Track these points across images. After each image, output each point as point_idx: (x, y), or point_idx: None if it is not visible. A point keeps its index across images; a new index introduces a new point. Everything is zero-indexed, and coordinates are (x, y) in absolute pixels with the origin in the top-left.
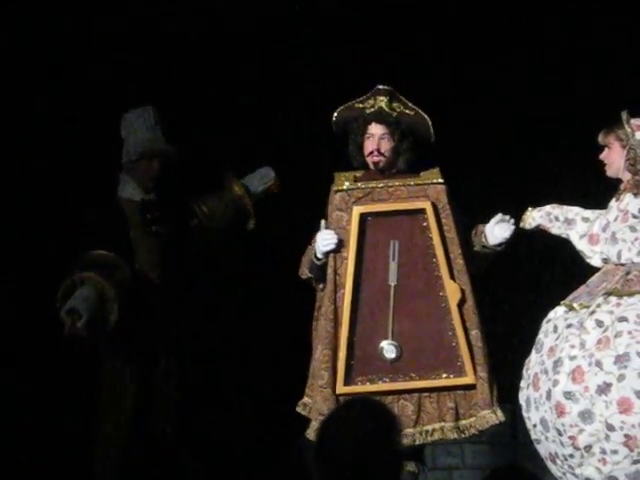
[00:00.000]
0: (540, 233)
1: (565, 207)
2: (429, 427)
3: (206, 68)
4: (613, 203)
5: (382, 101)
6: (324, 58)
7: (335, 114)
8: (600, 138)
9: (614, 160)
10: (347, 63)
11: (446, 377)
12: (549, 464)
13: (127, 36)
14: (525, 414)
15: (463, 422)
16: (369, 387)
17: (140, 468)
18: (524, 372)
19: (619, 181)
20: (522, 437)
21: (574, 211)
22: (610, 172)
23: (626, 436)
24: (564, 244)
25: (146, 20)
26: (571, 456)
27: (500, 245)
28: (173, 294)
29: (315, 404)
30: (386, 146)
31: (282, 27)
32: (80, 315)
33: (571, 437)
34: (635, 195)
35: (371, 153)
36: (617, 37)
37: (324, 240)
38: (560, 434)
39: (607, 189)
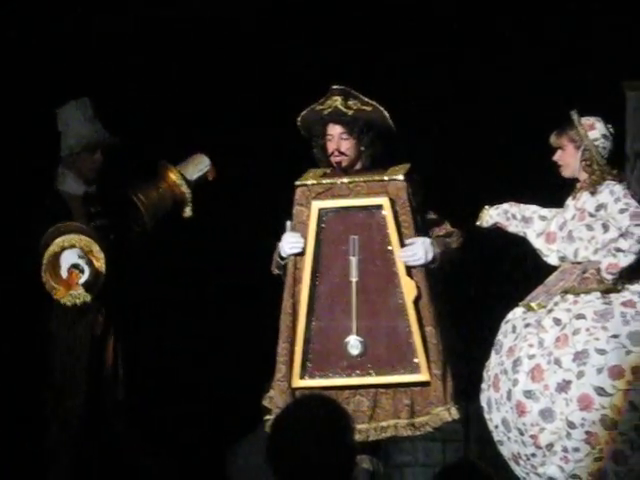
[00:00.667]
0: (497, 231)
1: (522, 205)
2: (384, 423)
3: (141, 56)
4: (570, 201)
5: (337, 101)
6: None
7: (299, 119)
8: (552, 140)
9: (569, 162)
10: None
11: (401, 374)
12: (512, 465)
13: (55, 28)
14: (487, 415)
15: (418, 419)
16: (325, 382)
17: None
18: (484, 374)
19: (576, 179)
20: (474, 435)
21: (531, 209)
22: (566, 173)
23: (587, 433)
24: (520, 243)
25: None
26: (533, 455)
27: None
28: (117, 287)
29: (274, 397)
30: (346, 145)
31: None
32: (82, 270)
33: (532, 436)
34: (592, 194)
35: (332, 154)
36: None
37: (289, 243)
38: (522, 433)
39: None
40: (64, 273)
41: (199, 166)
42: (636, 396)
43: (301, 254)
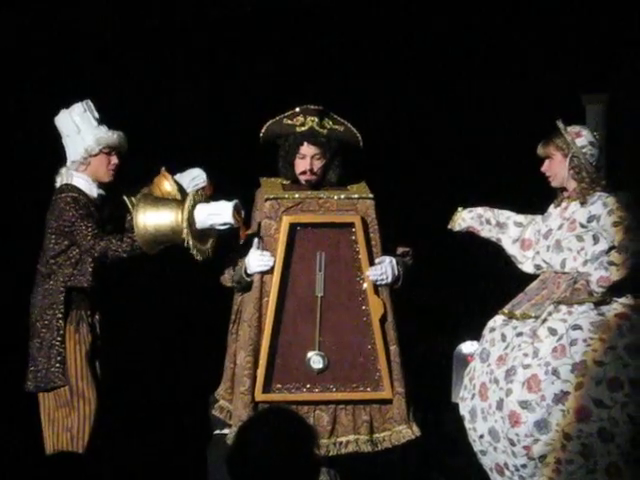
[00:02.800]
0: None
1: (497, 210)
2: (343, 439)
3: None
4: (553, 209)
5: (313, 121)
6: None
7: (264, 128)
8: (539, 150)
9: (558, 171)
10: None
11: (363, 390)
12: (494, 475)
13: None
14: (469, 425)
15: (377, 435)
16: (287, 396)
17: None
18: (467, 382)
19: (561, 188)
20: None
21: (505, 215)
22: (555, 183)
23: (583, 445)
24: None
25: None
26: (524, 466)
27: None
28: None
29: (236, 410)
30: (318, 165)
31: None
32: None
33: (525, 447)
34: (582, 204)
35: (303, 172)
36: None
37: (259, 261)
38: (513, 444)
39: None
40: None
41: (195, 180)
42: (634, 409)
43: (268, 272)
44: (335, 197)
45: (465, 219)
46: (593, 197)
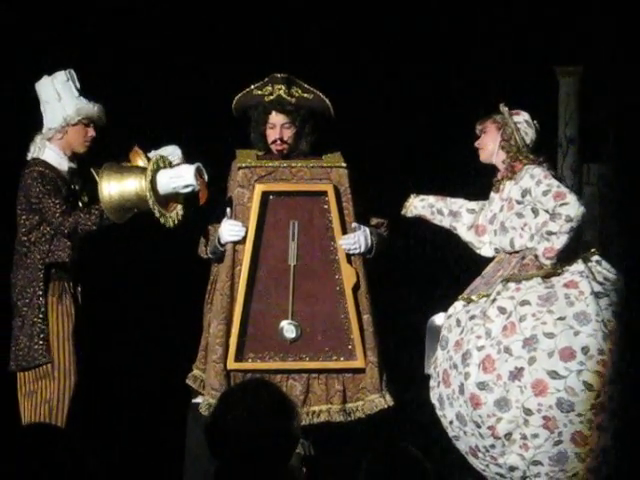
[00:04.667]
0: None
1: (449, 199)
2: (316, 408)
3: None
4: (493, 194)
5: (280, 89)
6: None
7: (234, 101)
8: (477, 127)
9: (487, 143)
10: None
11: (336, 360)
12: (470, 459)
13: None
14: (439, 412)
15: (350, 405)
16: (260, 365)
17: None
18: (432, 371)
19: (496, 170)
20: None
21: (458, 203)
22: (483, 156)
23: (544, 418)
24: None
25: None
26: (492, 446)
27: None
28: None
29: (208, 378)
30: (288, 134)
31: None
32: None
33: (490, 427)
34: (514, 181)
35: (274, 142)
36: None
37: (231, 231)
38: (478, 426)
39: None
40: (193, 182)
41: (170, 157)
42: (589, 376)
43: (241, 242)
44: (308, 166)
45: (417, 207)
46: (521, 172)
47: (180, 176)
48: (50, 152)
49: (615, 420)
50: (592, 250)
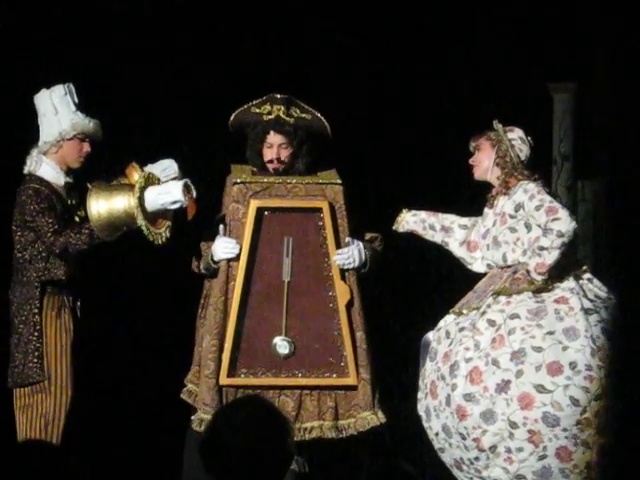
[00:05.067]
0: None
1: (440, 215)
2: (308, 425)
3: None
4: (487, 210)
5: (279, 110)
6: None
7: (232, 117)
8: (471, 144)
9: (482, 160)
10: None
11: (329, 376)
12: (455, 471)
13: None
14: (426, 424)
15: (342, 422)
16: (252, 380)
17: None
18: (420, 383)
19: (489, 189)
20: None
21: (450, 219)
22: (478, 173)
23: (530, 432)
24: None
25: None
26: (477, 459)
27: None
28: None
29: (200, 393)
30: (285, 154)
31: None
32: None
33: (475, 439)
34: (508, 196)
35: (270, 161)
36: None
37: (224, 248)
38: (464, 438)
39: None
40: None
41: (166, 171)
42: (576, 391)
43: (235, 259)
44: (304, 182)
45: (409, 222)
46: (515, 187)
47: (168, 192)
48: (47, 167)
49: (600, 437)
50: (584, 268)
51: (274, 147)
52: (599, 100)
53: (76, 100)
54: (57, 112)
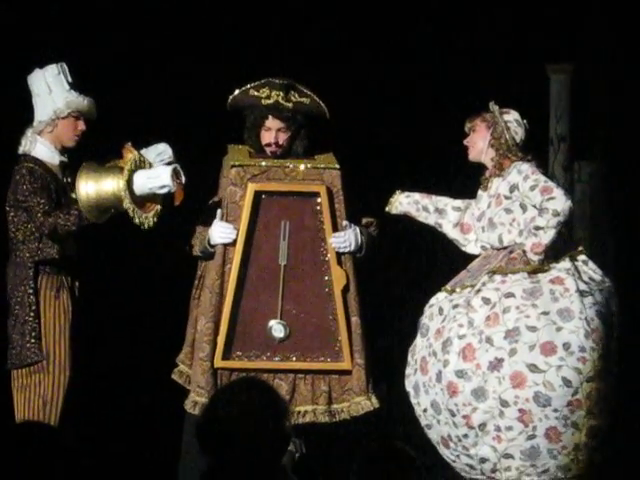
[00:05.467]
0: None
1: (434, 197)
2: (301, 408)
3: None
4: (481, 192)
5: (278, 95)
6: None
7: (230, 98)
8: (466, 125)
9: (477, 141)
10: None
11: (323, 361)
12: (441, 449)
13: None
14: (414, 400)
15: (335, 406)
16: (246, 363)
17: None
18: (409, 358)
19: (484, 168)
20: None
21: (443, 201)
22: (472, 154)
23: (520, 411)
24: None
25: None
26: (465, 436)
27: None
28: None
29: (194, 376)
30: (283, 137)
31: None
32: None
33: (465, 416)
34: (502, 177)
35: (268, 145)
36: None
37: (221, 233)
38: (453, 415)
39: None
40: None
41: (161, 155)
42: (569, 372)
43: (231, 244)
44: (302, 166)
45: (402, 203)
46: (509, 168)
47: (157, 177)
48: (41, 147)
49: (590, 418)
50: (579, 249)
51: (272, 131)
52: (596, 81)
53: (69, 79)
54: (51, 91)
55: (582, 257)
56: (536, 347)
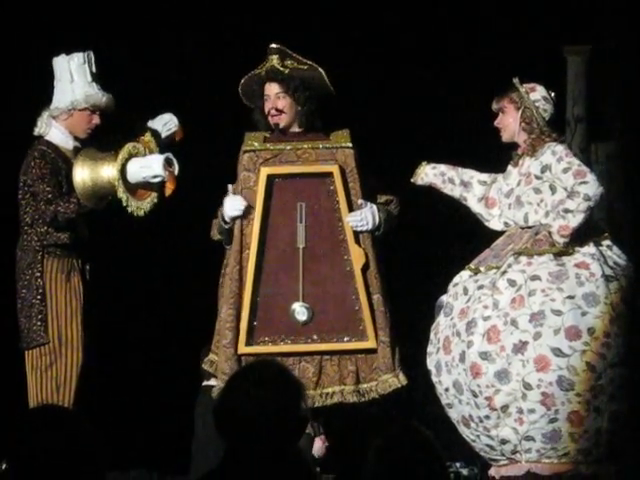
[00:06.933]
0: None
1: (460, 169)
2: (329, 390)
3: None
4: (511, 168)
5: (273, 60)
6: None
7: (240, 85)
8: (494, 105)
9: (509, 123)
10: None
11: (348, 341)
12: (461, 428)
13: None
14: (435, 379)
15: (364, 386)
16: (271, 348)
17: None
18: (432, 337)
19: (514, 147)
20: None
21: (469, 174)
22: (506, 136)
23: (543, 394)
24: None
25: None
26: (487, 417)
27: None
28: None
29: (220, 363)
30: (282, 103)
31: None
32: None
33: (487, 398)
34: (534, 157)
35: (269, 113)
36: None
37: (232, 206)
38: (475, 395)
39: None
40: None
41: (168, 125)
42: (593, 357)
43: (244, 217)
44: (313, 147)
45: (428, 174)
46: (543, 148)
47: (149, 166)
48: (56, 131)
49: (613, 404)
50: (604, 235)
51: (271, 98)
52: (613, 63)
53: (94, 70)
54: (73, 80)
55: (607, 242)
56: (561, 331)
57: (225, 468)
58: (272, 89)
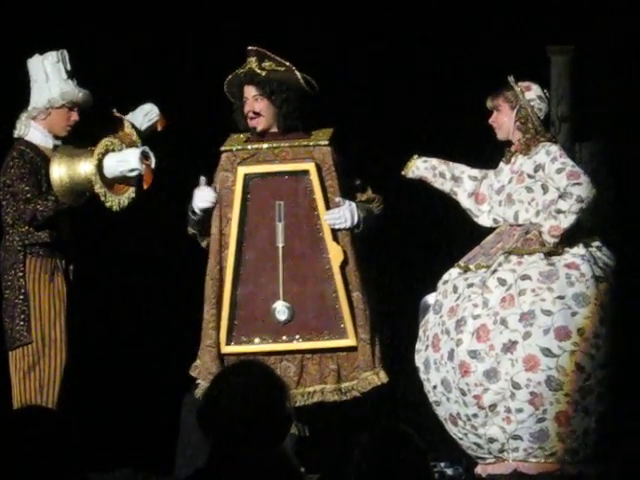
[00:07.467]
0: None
1: (451, 164)
2: (310, 389)
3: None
4: (504, 165)
5: (251, 62)
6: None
7: (225, 84)
8: (488, 103)
9: (503, 122)
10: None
11: (328, 339)
12: (449, 426)
13: None
14: (423, 376)
15: (345, 384)
16: (252, 347)
17: None
18: (421, 334)
19: (507, 143)
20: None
21: (460, 169)
22: (501, 135)
23: (532, 394)
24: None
25: None
26: (475, 416)
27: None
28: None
29: (204, 364)
30: (260, 106)
31: None
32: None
33: (476, 396)
34: (527, 156)
35: (248, 116)
36: None
37: (201, 197)
38: (464, 394)
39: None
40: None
41: (149, 116)
42: (582, 357)
43: (211, 209)
44: (290, 146)
45: (419, 167)
46: (537, 147)
47: (125, 160)
48: (35, 131)
49: (601, 404)
50: (594, 236)
51: (249, 100)
52: (597, 63)
53: (69, 67)
54: (48, 79)
55: (596, 243)
56: (551, 331)
57: (210, 469)
58: (250, 92)
